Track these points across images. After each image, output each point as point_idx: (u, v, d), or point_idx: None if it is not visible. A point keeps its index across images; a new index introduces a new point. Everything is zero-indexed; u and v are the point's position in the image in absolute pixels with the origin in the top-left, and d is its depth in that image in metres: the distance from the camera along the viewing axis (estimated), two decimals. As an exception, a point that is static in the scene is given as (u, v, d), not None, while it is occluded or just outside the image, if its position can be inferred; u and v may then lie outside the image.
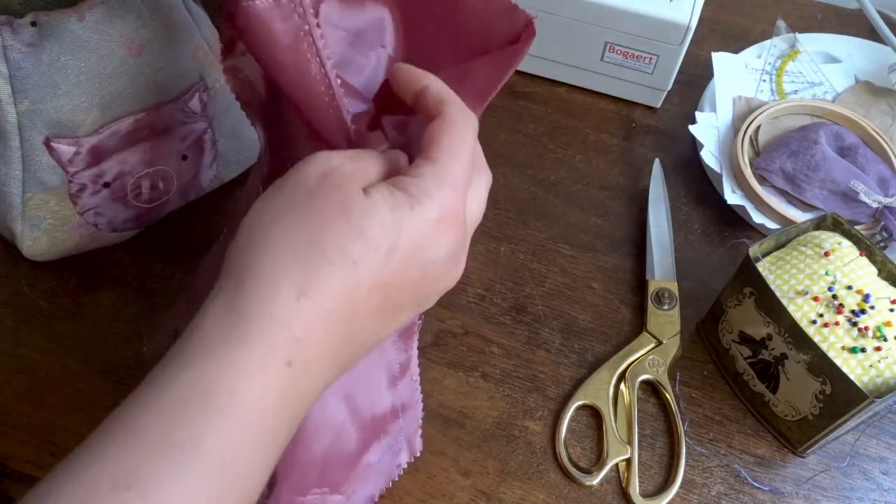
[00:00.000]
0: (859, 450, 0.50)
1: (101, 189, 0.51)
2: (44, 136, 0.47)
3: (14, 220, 0.50)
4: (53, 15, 0.44)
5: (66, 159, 0.48)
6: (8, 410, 0.49)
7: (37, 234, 0.51)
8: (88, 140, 0.48)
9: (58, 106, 0.46)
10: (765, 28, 0.73)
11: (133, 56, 0.47)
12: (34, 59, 0.45)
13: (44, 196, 0.50)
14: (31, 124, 0.47)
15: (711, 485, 0.48)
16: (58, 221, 0.51)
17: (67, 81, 0.46)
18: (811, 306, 0.46)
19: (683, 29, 0.60)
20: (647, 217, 0.59)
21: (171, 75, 0.50)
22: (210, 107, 0.53)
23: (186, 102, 0.52)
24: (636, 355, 0.52)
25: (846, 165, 0.57)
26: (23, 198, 0.49)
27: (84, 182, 0.50)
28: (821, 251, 0.48)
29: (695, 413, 0.51)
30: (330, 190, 0.30)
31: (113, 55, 0.47)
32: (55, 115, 0.47)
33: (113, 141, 0.49)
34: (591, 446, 0.50)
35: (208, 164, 0.56)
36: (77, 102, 0.47)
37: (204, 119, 0.53)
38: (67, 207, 0.51)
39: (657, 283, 0.55)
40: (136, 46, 0.47)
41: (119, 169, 0.51)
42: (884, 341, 0.45)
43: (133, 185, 0.52)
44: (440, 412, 0.51)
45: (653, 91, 0.66)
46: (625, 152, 0.65)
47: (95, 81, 0.47)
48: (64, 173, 0.49)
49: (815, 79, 0.68)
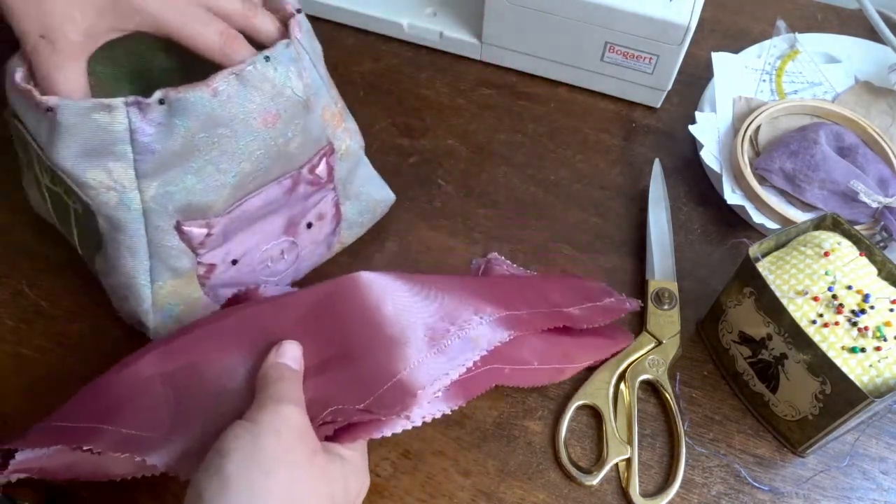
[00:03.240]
0: (859, 450, 0.50)
1: (230, 267, 0.48)
2: (174, 221, 0.44)
3: (146, 313, 0.47)
4: (184, 91, 0.40)
5: (197, 242, 0.45)
6: (8, 410, 0.49)
7: (169, 324, 0.48)
8: (220, 220, 0.45)
9: (190, 187, 0.43)
10: (765, 28, 0.73)
11: (268, 128, 0.43)
12: (164, 139, 0.41)
13: (174, 282, 0.47)
14: (160, 209, 0.43)
15: (711, 485, 0.48)
16: (188, 306, 0.48)
17: (199, 161, 0.42)
18: (811, 306, 0.46)
19: (683, 29, 0.60)
20: (647, 217, 0.59)
21: (302, 143, 0.46)
22: (336, 170, 0.50)
23: (314, 169, 0.48)
24: (636, 355, 0.52)
25: (846, 165, 0.57)
26: (153, 287, 0.46)
27: (214, 262, 0.47)
28: (821, 251, 0.48)
29: (695, 413, 0.51)
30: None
31: (248, 129, 0.43)
32: (186, 198, 0.43)
33: (244, 217, 0.46)
34: (591, 446, 0.50)
35: (332, 231, 0.53)
36: (210, 183, 0.43)
37: (330, 184, 0.50)
38: (196, 290, 0.48)
39: (657, 283, 0.55)
40: (272, 117, 0.43)
41: (247, 244, 0.48)
42: (883, 341, 0.45)
43: (260, 259, 0.49)
44: (440, 412, 0.51)
45: (653, 91, 0.66)
46: (625, 152, 0.65)
47: (229, 159, 0.43)
48: (194, 256, 0.46)
49: (815, 79, 0.68)
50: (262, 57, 0.42)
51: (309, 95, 0.45)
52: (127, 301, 0.47)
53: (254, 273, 0.49)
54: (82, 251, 0.48)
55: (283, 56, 0.43)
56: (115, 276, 0.46)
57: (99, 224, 0.44)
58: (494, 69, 0.70)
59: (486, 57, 0.70)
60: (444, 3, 0.71)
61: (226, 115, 0.41)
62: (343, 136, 0.50)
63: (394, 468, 0.48)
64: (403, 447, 0.49)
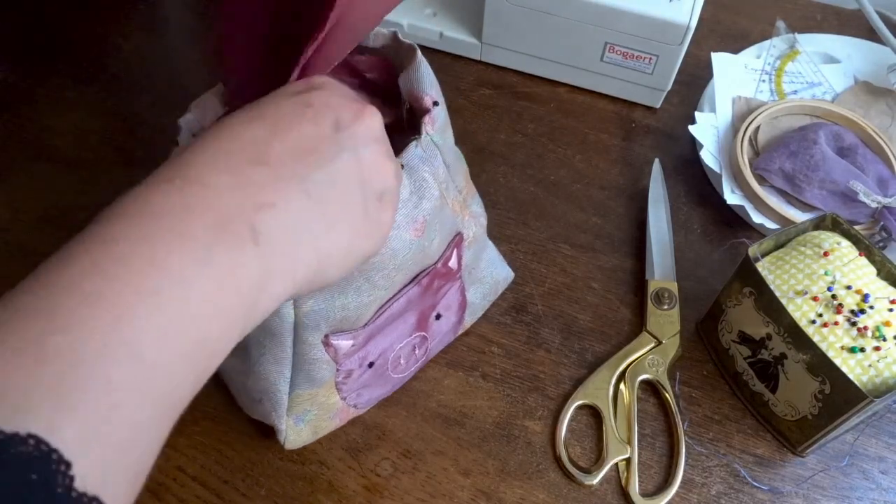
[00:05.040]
0: (858, 449, 0.50)
1: (366, 371, 0.47)
2: (323, 334, 0.43)
3: (279, 417, 0.46)
4: None
5: (342, 353, 0.45)
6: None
7: (301, 427, 0.47)
8: (365, 330, 0.44)
9: (345, 304, 0.42)
10: (764, 28, 0.73)
11: (418, 237, 0.42)
12: None
13: (312, 391, 0.46)
14: (312, 324, 0.42)
15: (711, 484, 0.48)
16: (322, 411, 0.48)
17: (359, 279, 0.41)
18: (810, 306, 0.46)
19: (683, 29, 0.60)
20: (646, 217, 0.59)
21: (440, 242, 0.45)
22: (464, 259, 0.49)
23: (447, 262, 0.47)
24: (636, 355, 0.52)
25: (845, 165, 0.58)
26: (290, 395, 0.45)
27: (352, 368, 0.46)
28: (820, 251, 0.48)
29: (694, 413, 0.51)
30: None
31: (402, 243, 0.42)
32: (341, 314, 0.42)
33: (385, 322, 0.46)
34: (591, 446, 0.50)
35: (458, 319, 0.52)
36: (365, 298, 0.42)
37: (458, 273, 0.49)
38: (332, 396, 0.47)
39: (657, 283, 0.55)
40: (420, 226, 0.42)
41: (382, 346, 0.47)
42: (883, 341, 0.45)
43: (393, 358, 0.48)
44: (440, 412, 0.51)
45: (652, 91, 0.67)
46: (624, 152, 0.65)
47: (385, 274, 0.42)
48: (335, 365, 0.45)
49: (815, 79, 0.68)
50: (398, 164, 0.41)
51: (443, 192, 0.44)
52: (261, 404, 0.46)
53: (387, 372, 0.49)
54: None
55: (413, 159, 0.41)
56: (254, 380, 0.45)
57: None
58: (494, 69, 0.70)
59: (486, 57, 0.70)
60: (444, 3, 0.71)
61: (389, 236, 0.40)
62: (470, 224, 0.49)
63: (394, 468, 0.48)
64: (403, 447, 0.49)
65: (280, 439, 0.47)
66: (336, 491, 0.48)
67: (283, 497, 0.47)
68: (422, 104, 0.43)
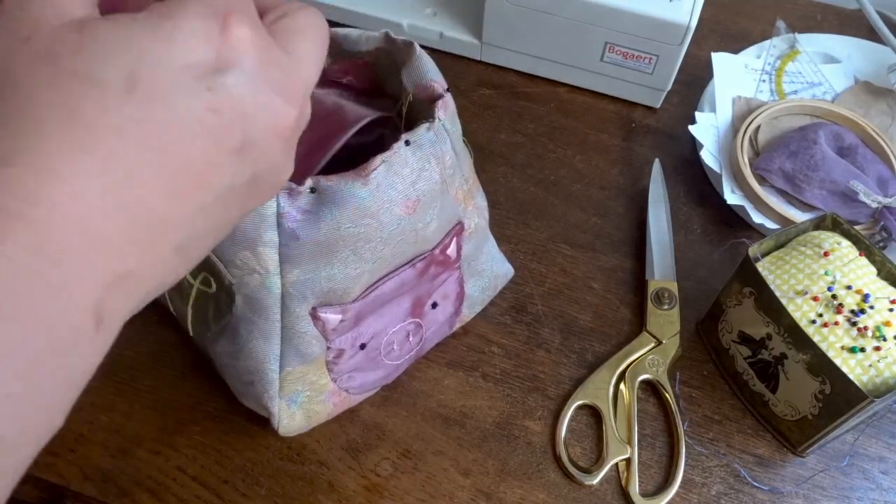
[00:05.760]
0: (859, 449, 0.50)
1: (358, 352, 0.47)
2: (310, 307, 0.43)
3: (271, 399, 0.46)
4: (336, 180, 0.39)
5: (330, 328, 0.45)
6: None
7: (293, 410, 0.47)
8: (354, 305, 0.45)
9: (331, 275, 0.42)
10: (765, 28, 0.73)
11: (409, 215, 0.43)
12: (311, 226, 0.40)
13: (302, 368, 0.46)
14: (299, 295, 0.42)
15: (711, 484, 0.48)
16: (314, 392, 0.47)
17: (345, 249, 0.41)
18: (810, 306, 0.46)
19: (683, 29, 0.60)
20: (647, 217, 0.59)
21: (437, 226, 0.45)
22: (463, 249, 0.49)
23: (445, 250, 0.47)
24: (636, 355, 0.52)
25: (845, 165, 0.58)
26: (281, 374, 0.45)
27: (343, 347, 0.46)
28: (820, 251, 0.48)
29: (694, 413, 0.51)
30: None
31: (391, 217, 0.42)
32: (327, 285, 0.42)
33: (376, 301, 0.46)
34: (591, 446, 0.50)
35: (454, 311, 0.52)
36: (351, 271, 0.42)
37: (457, 263, 0.49)
38: (323, 376, 0.47)
39: (657, 283, 0.55)
40: (413, 203, 0.42)
41: (375, 328, 0.47)
42: (883, 341, 0.45)
43: (387, 342, 0.48)
44: (440, 412, 0.51)
45: (652, 91, 0.67)
46: (624, 152, 0.65)
47: (372, 247, 0.42)
48: (324, 341, 0.45)
49: (815, 79, 0.68)
50: (403, 141, 0.41)
51: (446, 178, 0.44)
52: (253, 386, 0.46)
53: (380, 357, 0.49)
54: (194, 333, 0.47)
55: (423, 139, 0.42)
56: (244, 359, 0.45)
57: (235, 305, 0.43)
58: (494, 69, 0.70)
59: (486, 57, 0.70)
60: (444, 3, 0.71)
61: (374, 206, 0.40)
62: (472, 215, 0.49)
63: (394, 468, 0.48)
64: (403, 447, 0.49)
65: (274, 424, 0.47)
66: (336, 491, 0.48)
67: (283, 497, 0.47)
68: (432, 92, 0.44)
